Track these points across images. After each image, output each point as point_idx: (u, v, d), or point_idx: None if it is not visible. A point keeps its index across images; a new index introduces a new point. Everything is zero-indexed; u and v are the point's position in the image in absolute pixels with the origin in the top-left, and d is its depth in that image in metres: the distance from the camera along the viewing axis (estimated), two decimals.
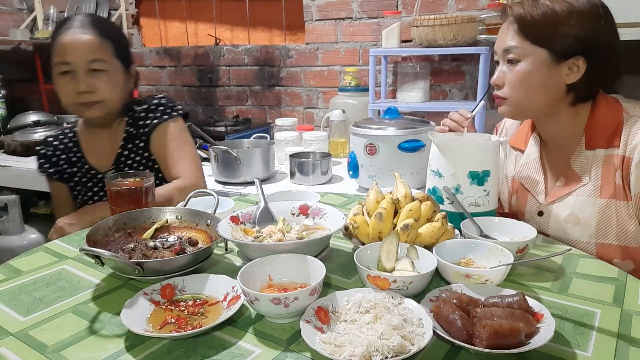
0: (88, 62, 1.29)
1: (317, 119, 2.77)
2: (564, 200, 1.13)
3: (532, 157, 1.21)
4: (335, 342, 0.67)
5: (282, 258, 0.84)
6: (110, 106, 1.36)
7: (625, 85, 1.20)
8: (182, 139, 1.43)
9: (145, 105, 1.45)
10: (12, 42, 3.00)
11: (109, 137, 1.45)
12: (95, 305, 0.83)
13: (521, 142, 1.26)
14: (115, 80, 1.35)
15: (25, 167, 2.32)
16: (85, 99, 1.31)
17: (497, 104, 1.16)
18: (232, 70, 2.92)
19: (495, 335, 0.64)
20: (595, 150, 1.09)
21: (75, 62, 1.29)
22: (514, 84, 1.09)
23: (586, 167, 1.10)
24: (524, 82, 1.08)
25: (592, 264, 0.97)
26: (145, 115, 1.44)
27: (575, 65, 1.05)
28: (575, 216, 1.11)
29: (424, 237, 0.94)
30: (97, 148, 1.46)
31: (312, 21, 2.65)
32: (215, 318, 0.75)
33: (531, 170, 1.21)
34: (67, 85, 1.30)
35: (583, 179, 1.10)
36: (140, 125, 1.43)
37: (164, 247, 0.94)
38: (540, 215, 1.17)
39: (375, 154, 1.69)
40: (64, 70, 1.30)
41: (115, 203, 1.11)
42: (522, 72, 1.07)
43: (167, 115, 1.43)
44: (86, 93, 1.30)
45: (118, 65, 1.36)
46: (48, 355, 0.70)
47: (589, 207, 1.09)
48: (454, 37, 2.08)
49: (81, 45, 1.29)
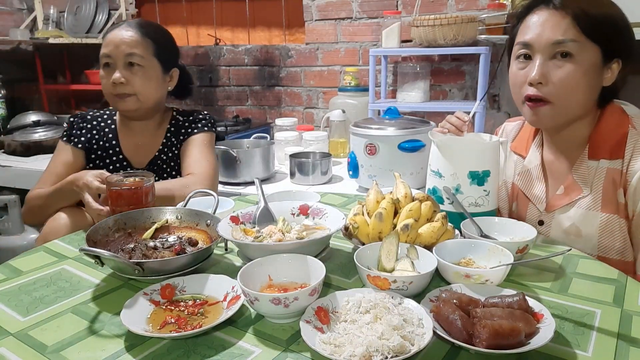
0: (125, 56, 1.38)
1: (317, 119, 2.77)
2: (565, 211, 1.10)
3: (534, 164, 1.18)
4: (335, 342, 0.67)
5: (282, 258, 0.84)
6: (142, 101, 1.42)
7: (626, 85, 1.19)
8: (207, 148, 1.51)
9: (191, 117, 1.54)
10: (12, 42, 3.00)
11: (149, 138, 1.51)
12: (95, 305, 0.83)
13: (522, 148, 1.22)
14: (151, 77, 1.42)
15: (25, 167, 2.32)
16: (118, 90, 1.39)
17: (533, 106, 1.03)
18: (232, 70, 2.92)
19: (495, 335, 0.64)
20: (599, 161, 1.05)
21: (115, 54, 1.38)
22: (565, 83, 0.98)
23: (588, 177, 1.06)
24: (577, 82, 0.98)
25: (592, 265, 0.97)
26: (188, 125, 1.53)
27: (612, 68, 1.02)
28: (576, 228, 1.08)
29: (424, 237, 0.94)
30: (134, 144, 1.50)
31: (312, 21, 2.65)
32: (215, 318, 0.75)
33: (532, 177, 1.18)
34: (107, 77, 1.40)
35: (583, 190, 1.07)
36: (182, 134, 1.52)
37: (164, 247, 0.94)
38: (541, 224, 1.15)
39: (375, 154, 1.69)
40: (105, 62, 1.40)
41: (115, 203, 1.11)
42: (577, 70, 0.98)
43: (207, 128, 1.53)
44: (120, 84, 1.38)
45: (156, 64, 1.43)
46: (48, 355, 0.69)
47: (590, 220, 1.06)
48: (454, 37, 2.08)
49: (122, 41, 1.38)
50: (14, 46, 3.12)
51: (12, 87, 3.06)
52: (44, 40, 2.80)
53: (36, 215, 1.39)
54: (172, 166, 1.51)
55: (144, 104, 1.43)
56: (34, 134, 2.55)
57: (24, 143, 2.48)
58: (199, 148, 1.48)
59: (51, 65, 3.22)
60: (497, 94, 2.38)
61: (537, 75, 1.00)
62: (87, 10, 3.07)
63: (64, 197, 1.31)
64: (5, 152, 2.55)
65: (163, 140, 1.51)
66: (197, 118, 1.54)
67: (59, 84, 3.31)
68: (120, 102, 1.41)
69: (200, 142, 1.49)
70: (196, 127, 1.52)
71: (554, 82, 0.99)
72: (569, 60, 0.98)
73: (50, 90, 3.21)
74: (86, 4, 3.08)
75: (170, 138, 1.51)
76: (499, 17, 2.10)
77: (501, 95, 2.38)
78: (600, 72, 1.01)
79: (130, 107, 1.42)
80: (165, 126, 1.53)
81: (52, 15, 3.07)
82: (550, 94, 1.00)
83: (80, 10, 3.09)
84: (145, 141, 1.50)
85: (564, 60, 0.99)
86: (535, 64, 1.01)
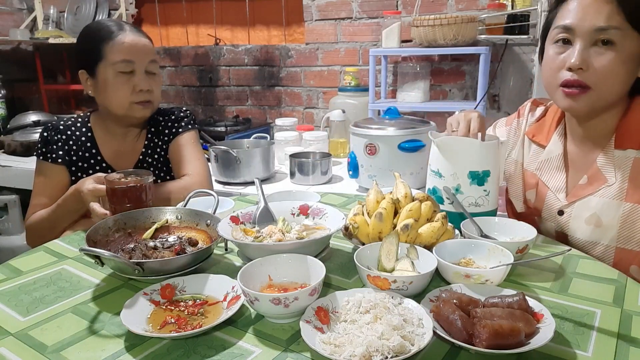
0: (148, 63, 1.36)
1: (317, 119, 2.77)
2: (586, 201, 1.08)
3: (555, 154, 1.15)
4: (335, 342, 0.67)
5: (282, 258, 0.84)
6: (155, 108, 1.43)
7: None
8: (196, 146, 1.51)
9: (172, 116, 1.52)
10: (12, 42, 3.00)
11: (130, 143, 1.47)
12: (95, 305, 0.83)
13: (543, 137, 1.19)
14: (160, 83, 1.45)
15: (25, 167, 2.32)
16: (143, 98, 1.36)
17: (571, 94, 1.00)
18: (232, 70, 2.92)
19: (495, 335, 0.64)
20: (626, 150, 1.04)
21: (139, 61, 1.35)
22: (607, 70, 0.96)
23: (613, 166, 1.05)
24: (617, 71, 0.97)
25: (592, 265, 0.97)
26: (171, 125, 1.51)
27: None
28: (597, 217, 1.06)
29: (424, 237, 0.94)
30: (115, 150, 1.46)
31: (312, 21, 2.65)
32: (215, 318, 0.75)
33: (553, 167, 1.15)
34: (127, 83, 1.34)
35: (609, 179, 1.05)
36: (165, 134, 1.50)
37: (164, 247, 0.94)
38: (561, 214, 1.12)
39: (375, 154, 1.69)
40: (127, 69, 1.34)
41: (113, 201, 1.11)
42: (618, 58, 0.96)
43: (190, 126, 1.52)
44: (146, 91, 1.36)
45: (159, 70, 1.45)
46: (48, 355, 0.70)
47: (612, 209, 1.05)
48: (454, 37, 2.08)
49: (144, 47, 1.36)
50: (14, 46, 3.12)
51: (12, 87, 3.06)
52: (44, 40, 2.80)
53: (44, 237, 1.25)
54: (160, 167, 1.49)
55: (154, 110, 1.44)
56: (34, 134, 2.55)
57: (24, 143, 2.48)
58: (189, 147, 1.47)
59: (51, 65, 3.22)
60: (497, 94, 2.38)
61: (577, 60, 0.97)
62: (87, 10, 3.07)
63: (69, 212, 1.27)
64: (5, 152, 2.55)
65: (145, 142, 1.48)
66: (178, 117, 1.52)
67: (59, 84, 3.30)
68: (140, 109, 1.38)
69: (188, 141, 1.48)
70: (180, 127, 1.50)
71: (595, 69, 0.97)
72: (611, 48, 0.96)
73: (50, 90, 3.21)
74: (86, 4, 3.08)
75: (153, 139, 1.49)
76: (499, 17, 2.10)
77: (501, 95, 2.38)
78: (638, 61, 0.99)
79: (147, 115, 1.42)
80: (146, 128, 1.49)
81: (52, 15, 3.07)
82: (590, 81, 0.98)
83: (80, 10, 3.09)
84: (126, 146, 1.46)
85: (606, 48, 0.96)
86: (575, 49, 0.98)
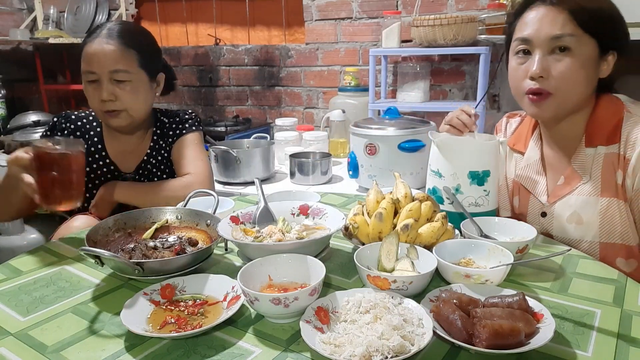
0: (111, 72, 1.31)
1: (317, 119, 2.77)
2: (566, 200, 1.12)
3: (534, 159, 1.20)
4: (335, 342, 0.67)
5: (282, 258, 0.84)
6: (133, 116, 1.38)
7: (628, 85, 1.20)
8: (199, 147, 1.50)
9: (177, 118, 1.52)
10: (12, 42, 3.00)
11: (135, 144, 1.48)
12: (95, 305, 0.83)
13: (521, 144, 1.24)
14: (139, 89, 1.37)
15: None
16: (108, 107, 1.33)
17: (536, 100, 1.05)
18: (232, 70, 2.92)
19: (495, 335, 0.64)
20: (596, 148, 1.08)
21: (100, 71, 1.31)
22: (566, 76, 1.02)
23: (586, 165, 1.09)
24: (576, 75, 1.02)
25: (592, 265, 0.97)
26: (176, 126, 1.50)
27: (608, 60, 1.05)
28: (577, 215, 1.10)
29: (424, 237, 0.94)
30: (120, 150, 1.47)
31: (312, 21, 2.65)
32: (215, 318, 0.75)
33: (532, 171, 1.20)
34: (93, 93, 1.34)
35: (583, 178, 1.10)
36: (170, 136, 1.50)
37: (164, 247, 0.94)
38: (544, 216, 1.16)
39: (375, 154, 1.69)
40: (90, 79, 1.34)
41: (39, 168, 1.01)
42: (575, 63, 1.01)
43: (194, 127, 1.52)
44: (109, 101, 1.32)
45: (143, 75, 1.37)
46: (48, 355, 0.70)
47: (590, 206, 1.08)
48: (454, 37, 2.08)
49: (105, 56, 1.31)
50: (14, 46, 3.12)
51: (12, 87, 3.06)
52: (44, 40, 2.80)
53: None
54: (162, 169, 1.49)
55: (136, 118, 1.39)
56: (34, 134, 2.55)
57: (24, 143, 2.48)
58: (192, 147, 1.47)
59: (51, 65, 3.22)
60: (497, 94, 2.38)
61: (538, 69, 1.02)
62: (87, 10, 3.07)
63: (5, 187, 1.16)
64: (5, 152, 2.55)
65: (150, 144, 1.48)
66: (183, 118, 1.52)
67: (59, 84, 3.31)
68: (111, 119, 1.35)
69: (192, 141, 1.48)
70: (184, 128, 1.50)
71: (555, 75, 1.03)
72: (568, 54, 1.01)
73: (50, 90, 3.21)
74: (86, 4, 3.08)
75: (158, 141, 1.49)
76: (499, 17, 2.10)
77: (501, 95, 2.38)
78: (597, 64, 1.05)
79: (122, 124, 1.37)
80: (151, 129, 1.50)
81: (52, 15, 3.08)
82: (551, 87, 1.03)
83: (80, 10, 3.09)
84: (131, 146, 1.47)
85: (563, 54, 1.02)
86: (535, 58, 1.04)
